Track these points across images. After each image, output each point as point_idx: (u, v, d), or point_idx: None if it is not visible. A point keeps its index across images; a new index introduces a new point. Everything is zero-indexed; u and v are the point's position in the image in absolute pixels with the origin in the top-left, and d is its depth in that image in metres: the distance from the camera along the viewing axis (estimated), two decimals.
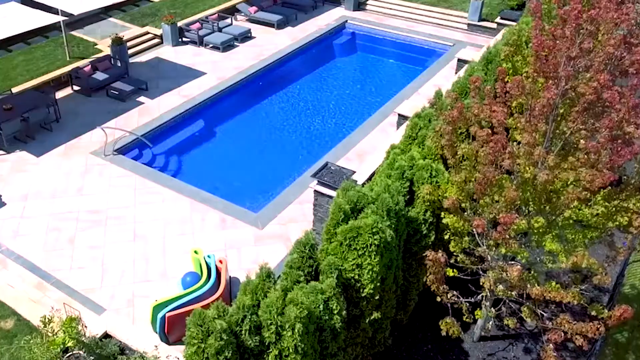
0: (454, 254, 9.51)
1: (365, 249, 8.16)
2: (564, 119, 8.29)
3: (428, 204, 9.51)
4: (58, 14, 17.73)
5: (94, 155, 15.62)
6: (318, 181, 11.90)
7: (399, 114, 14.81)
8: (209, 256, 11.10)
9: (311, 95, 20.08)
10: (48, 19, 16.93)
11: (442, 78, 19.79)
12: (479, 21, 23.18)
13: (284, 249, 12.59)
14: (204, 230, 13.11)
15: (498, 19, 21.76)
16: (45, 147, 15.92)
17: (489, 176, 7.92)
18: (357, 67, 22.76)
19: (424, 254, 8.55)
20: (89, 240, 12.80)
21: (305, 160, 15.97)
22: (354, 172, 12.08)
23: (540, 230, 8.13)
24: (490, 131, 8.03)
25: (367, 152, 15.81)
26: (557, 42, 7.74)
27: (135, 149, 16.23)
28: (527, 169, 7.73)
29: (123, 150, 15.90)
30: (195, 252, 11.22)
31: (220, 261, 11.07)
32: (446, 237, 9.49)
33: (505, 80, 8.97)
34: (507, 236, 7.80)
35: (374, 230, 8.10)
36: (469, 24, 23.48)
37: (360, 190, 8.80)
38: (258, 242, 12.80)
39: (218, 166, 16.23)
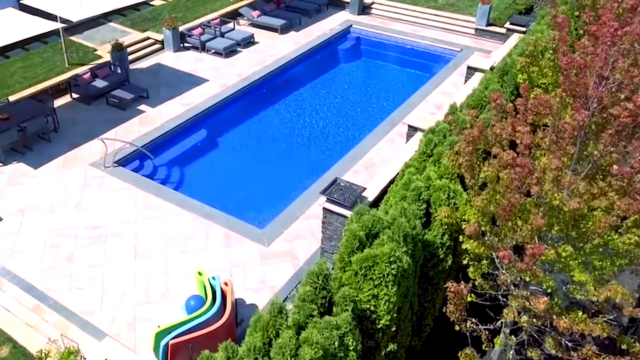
0: (472, 279, 9.04)
1: (381, 279, 7.68)
2: (591, 140, 7.81)
3: (446, 227, 9.02)
4: (56, 21, 17.24)
5: (94, 167, 15.12)
6: (327, 198, 11.39)
7: (408, 125, 14.31)
8: (213, 278, 10.59)
9: (316, 103, 19.59)
10: (46, 26, 16.40)
11: (451, 85, 19.32)
12: (486, 26, 22.68)
13: (291, 268, 12.11)
14: (208, 247, 12.61)
15: (507, 24, 21.25)
16: (43, 159, 15.42)
17: (514, 202, 7.43)
18: (363, 73, 22.25)
19: (446, 286, 8.05)
20: (88, 258, 12.30)
21: (312, 171, 15.47)
22: (365, 188, 11.57)
23: (568, 259, 7.64)
24: (515, 154, 7.54)
25: (375, 163, 15.33)
26: (587, 59, 7.24)
27: (136, 159, 15.73)
28: (556, 195, 7.23)
29: (123, 162, 15.40)
30: (200, 273, 10.71)
31: (226, 283, 10.55)
32: (465, 261, 9.00)
33: (528, 96, 8.46)
34: (534, 267, 7.32)
35: (391, 259, 7.63)
36: (476, 29, 22.97)
37: (375, 215, 8.32)
38: (264, 261, 12.31)
39: (221, 178, 15.73)
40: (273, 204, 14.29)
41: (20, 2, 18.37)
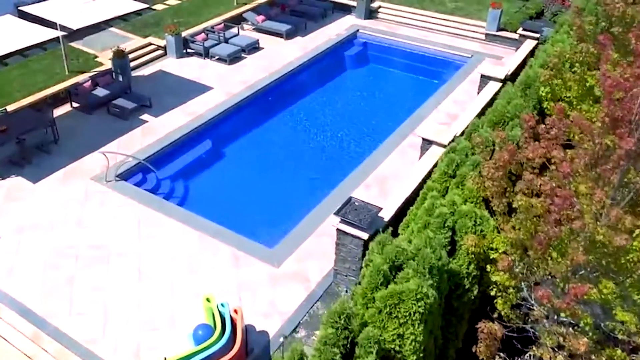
0: (498, 310, 8.50)
1: (408, 318, 7.12)
2: (632, 167, 7.26)
3: (472, 256, 8.46)
4: (56, 27, 16.66)
5: (95, 181, 14.53)
6: (341, 219, 10.82)
7: (423, 138, 13.75)
8: (222, 305, 10.01)
9: (324, 111, 19.04)
10: (46, 34, 15.83)
11: (463, 93, 18.75)
12: (497, 31, 22.09)
13: (303, 291, 11.55)
14: (215, 268, 12.03)
15: (520, 30, 20.63)
16: (42, 172, 14.81)
17: (552, 235, 6.87)
18: (371, 80, 21.68)
19: (477, 326, 7.48)
20: (89, 281, 11.71)
21: (322, 185, 14.88)
22: (381, 208, 10.97)
23: (609, 297, 7.08)
24: (554, 184, 6.98)
25: (387, 177, 14.76)
26: (632, 81, 6.68)
27: (138, 173, 15.11)
28: (599, 230, 6.67)
29: (125, 175, 14.80)
30: (208, 299, 10.13)
31: (236, 311, 9.97)
32: (492, 293, 8.45)
33: (563, 118, 7.90)
34: (575, 307, 6.76)
35: (418, 296, 7.07)
36: (487, 34, 22.38)
37: (399, 245, 7.75)
38: (274, 283, 11.73)
39: (227, 193, 15.14)
40: (282, 220, 13.71)
41: (19, 8, 17.80)
